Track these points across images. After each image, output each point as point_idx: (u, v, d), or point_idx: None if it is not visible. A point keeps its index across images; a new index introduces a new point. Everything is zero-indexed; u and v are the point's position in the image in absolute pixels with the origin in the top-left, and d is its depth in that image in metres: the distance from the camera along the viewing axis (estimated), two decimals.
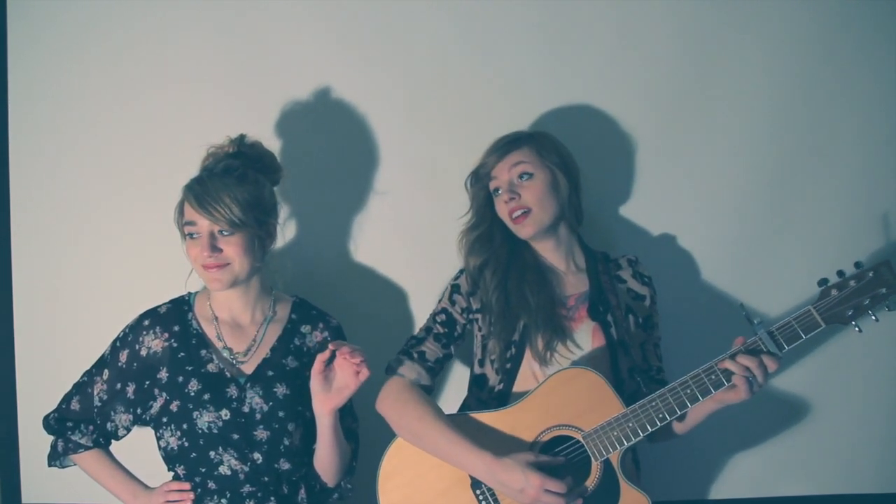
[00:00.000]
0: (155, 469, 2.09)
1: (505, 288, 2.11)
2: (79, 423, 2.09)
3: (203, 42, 2.43)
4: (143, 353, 2.05)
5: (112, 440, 2.12)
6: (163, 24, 2.42)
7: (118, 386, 2.07)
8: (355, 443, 2.17)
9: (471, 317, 2.17)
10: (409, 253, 2.46)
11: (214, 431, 1.97)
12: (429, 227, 2.42)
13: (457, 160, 2.30)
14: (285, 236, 2.38)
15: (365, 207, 2.45)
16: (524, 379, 2.08)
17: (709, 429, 2.11)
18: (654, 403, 1.94)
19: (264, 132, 2.37)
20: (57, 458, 2.12)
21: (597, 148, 2.41)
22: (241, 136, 2.13)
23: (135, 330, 2.08)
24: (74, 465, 2.14)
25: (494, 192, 2.17)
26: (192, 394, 1.99)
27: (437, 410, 2.03)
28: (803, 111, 2.43)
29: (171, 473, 2.07)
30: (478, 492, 1.99)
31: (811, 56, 2.42)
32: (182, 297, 2.15)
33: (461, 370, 2.40)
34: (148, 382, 2.05)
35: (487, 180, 2.17)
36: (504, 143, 2.16)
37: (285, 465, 2.02)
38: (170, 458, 2.03)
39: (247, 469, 1.98)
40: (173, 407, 2.00)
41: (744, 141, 2.43)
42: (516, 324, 2.09)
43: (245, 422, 1.98)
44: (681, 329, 2.35)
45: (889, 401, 2.47)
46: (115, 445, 2.14)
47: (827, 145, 2.44)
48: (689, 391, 1.93)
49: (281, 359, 2.08)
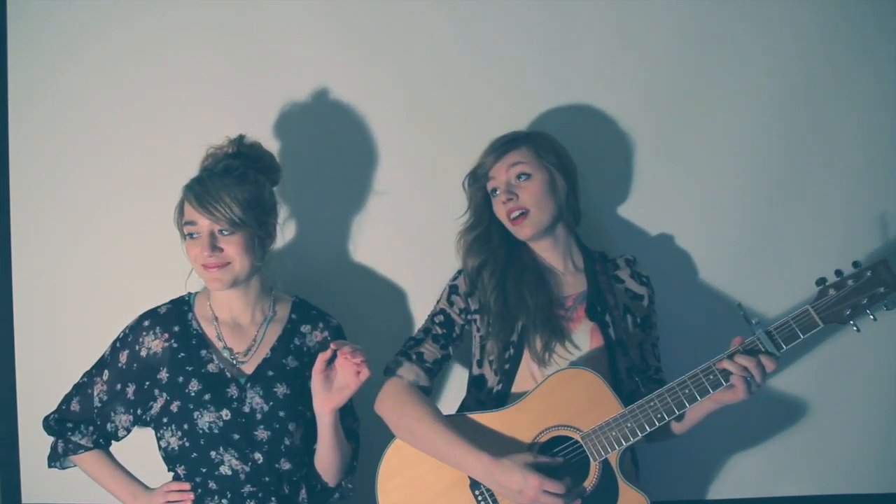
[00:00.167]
0: (155, 469, 2.09)
1: (503, 289, 2.11)
2: (79, 424, 2.09)
3: (203, 42, 2.43)
4: (143, 353, 2.05)
5: (112, 441, 2.12)
6: (163, 24, 2.42)
7: (118, 387, 2.07)
8: (356, 442, 2.17)
9: (469, 317, 2.17)
10: (409, 253, 2.45)
11: (215, 431, 1.97)
12: (428, 227, 2.42)
13: (456, 160, 2.30)
14: (285, 236, 2.37)
15: (364, 207, 2.45)
16: (523, 379, 2.08)
17: (708, 429, 2.11)
18: (653, 403, 1.94)
19: (264, 132, 2.38)
20: (57, 459, 2.12)
21: (595, 147, 2.41)
22: (241, 137, 2.13)
23: (134, 330, 2.08)
24: (75, 466, 2.14)
25: (492, 192, 2.17)
26: (193, 394, 1.99)
27: (435, 411, 2.03)
28: (802, 111, 2.43)
29: (171, 474, 2.07)
30: (476, 492, 1.99)
31: (809, 56, 2.42)
32: (182, 297, 2.15)
33: (460, 371, 2.40)
34: (148, 383, 2.05)
35: (485, 180, 2.17)
36: (502, 144, 2.15)
37: (286, 464, 2.02)
38: (170, 458, 2.03)
39: (247, 469, 1.98)
40: (174, 407, 2.00)
41: (742, 141, 2.43)
42: (514, 324, 2.09)
43: (245, 422, 1.99)
44: (679, 329, 2.35)
45: (888, 400, 2.47)
46: (116, 446, 2.14)
47: (825, 145, 2.44)
48: (687, 391, 1.93)
49: (281, 359, 2.08)
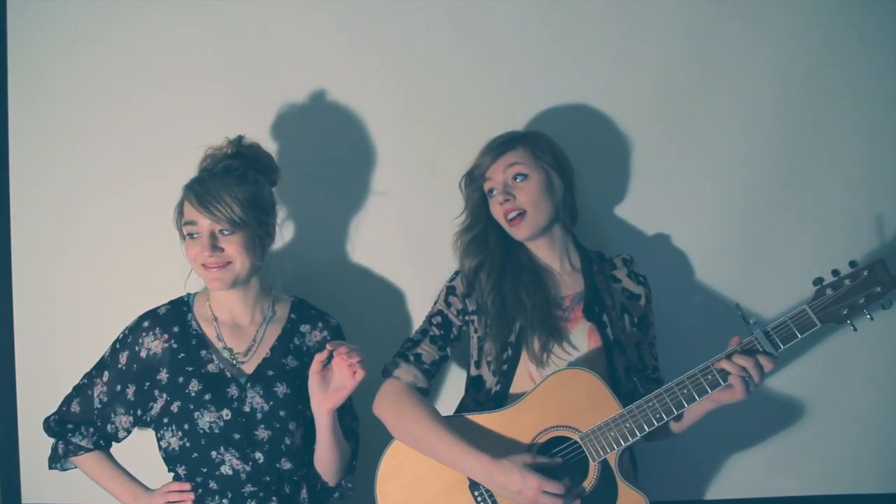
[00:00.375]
0: (155, 470, 2.09)
1: (500, 290, 2.11)
2: (79, 426, 2.09)
3: (202, 42, 2.43)
4: (143, 354, 2.06)
5: (112, 442, 2.13)
6: (162, 24, 2.42)
7: (118, 388, 2.07)
8: (355, 442, 2.18)
9: (466, 318, 2.16)
10: (407, 253, 2.46)
11: (216, 431, 1.97)
12: (427, 227, 2.42)
13: (455, 160, 2.30)
14: (284, 237, 2.38)
15: (363, 207, 2.45)
16: (521, 380, 2.08)
17: (707, 429, 2.12)
18: (651, 403, 1.94)
19: (264, 132, 2.39)
20: (57, 460, 2.12)
21: (593, 147, 2.42)
22: (240, 137, 2.13)
23: (134, 331, 2.09)
24: (75, 467, 2.14)
25: (489, 193, 2.16)
26: (193, 394, 1.99)
27: (433, 412, 2.03)
28: (799, 111, 2.43)
29: (172, 474, 2.08)
30: (476, 493, 1.99)
31: (806, 56, 2.42)
32: (181, 297, 2.16)
33: (458, 371, 2.40)
34: (148, 384, 2.05)
35: (482, 181, 2.17)
36: (498, 144, 2.15)
37: (287, 464, 2.02)
38: (171, 458, 2.03)
39: (248, 469, 1.98)
40: (174, 408, 2.00)
41: (740, 141, 2.43)
42: (512, 325, 2.09)
43: (246, 421, 1.99)
44: (677, 329, 2.35)
45: (887, 400, 2.48)
46: (116, 447, 2.14)
47: (823, 145, 2.44)
48: (685, 391, 1.93)
49: (281, 358, 2.08)
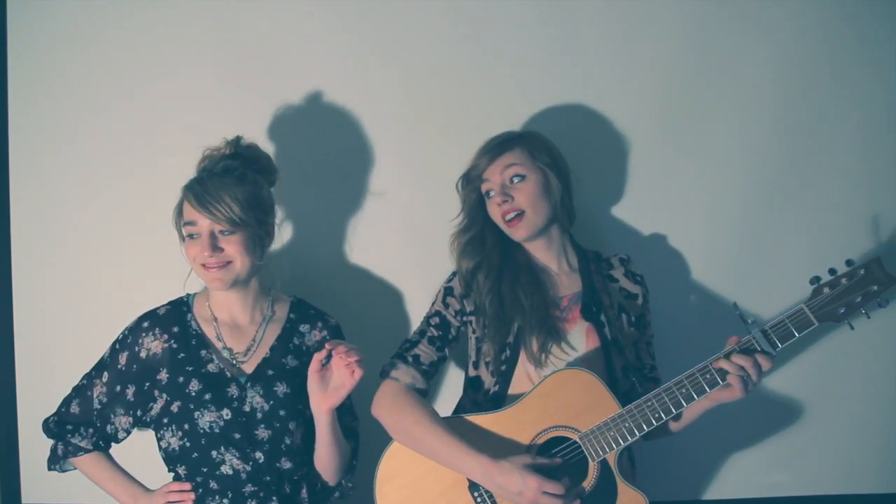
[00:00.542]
0: (155, 470, 2.10)
1: (498, 291, 2.10)
2: (78, 427, 2.09)
3: (202, 43, 2.43)
4: (143, 354, 2.06)
5: (112, 443, 2.13)
6: (163, 24, 2.42)
7: (118, 388, 2.07)
8: (355, 441, 2.18)
9: (464, 319, 2.16)
10: (407, 254, 2.46)
11: (216, 431, 1.98)
12: (425, 227, 2.41)
13: (453, 160, 2.28)
14: (282, 237, 2.38)
15: (362, 208, 2.45)
16: (519, 381, 2.08)
17: (706, 428, 2.13)
18: (650, 403, 1.95)
19: (264, 133, 2.40)
20: (56, 461, 2.12)
21: (591, 147, 2.42)
22: (238, 138, 2.13)
23: (134, 332, 2.09)
24: (74, 469, 2.14)
25: (486, 194, 2.16)
26: (193, 394, 1.99)
27: (432, 414, 2.03)
28: (797, 111, 2.43)
29: (172, 474, 2.08)
30: (476, 494, 1.99)
31: (804, 56, 2.42)
32: (181, 298, 2.16)
33: (456, 372, 2.40)
34: (148, 384, 2.05)
35: (479, 182, 2.16)
36: (495, 145, 2.15)
37: (287, 463, 2.02)
38: (171, 458, 2.04)
39: (248, 468, 1.99)
40: (174, 408, 2.00)
41: (737, 141, 2.43)
42: (510, 326, 2.09)
43: (246, 421, 1.99)
44: (674, 328, 2.35)
45: (886, 399, 2.48)
46: (115, 447, 2.14)
47: (820, 145, 2.44)
48: (684, 390, 1.94)
49: (281, 358, 2.08)
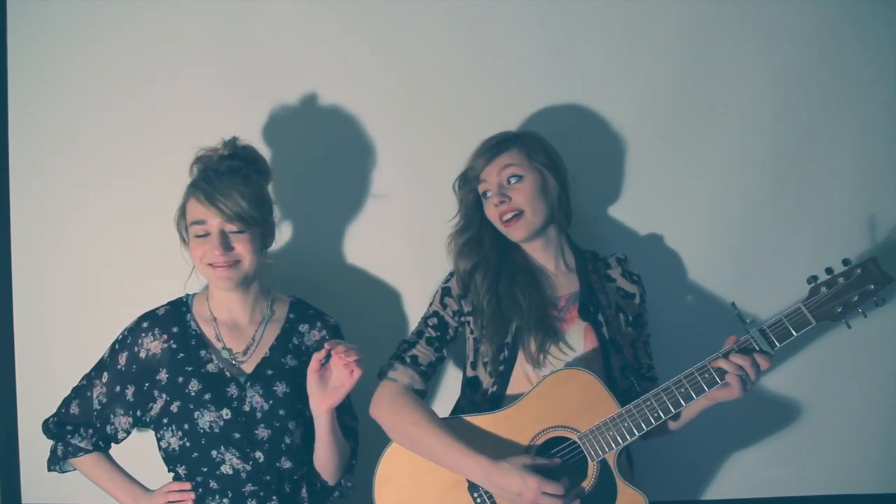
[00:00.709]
0: (154, 470, 2.10)
1: (496, 291, 2.10)
2: (78, 427, 2.10)
3: (201, 43, 2.43)
4: (143, 355, 2.06)
5: (111, 443, 2.13)
6: (162, 24, 2.43)
7: (117, 389, 2.07)
8: (354, 441, 2.18)
9: (462, 320, 2.16)
10: (405, 254, 2.46)
11: (216, 431, 1.98)
12: (425, 227, 2.41)
13: (452, 160, 2.28)
14: (281, 237, 2.38)
15: (360, 208, 2.46)
16: (517, 381, 2.08)
17: (704, 428, 2.14)
18: (649, 402, 1.95)
19: (263, 133, 2.41)
20: (56, 462, 2.13)
21: (589, 147, 2.42)
22: (234, 139, 2.13)
23: (133, 332, 2.09)
24: (74, 469, 2.15)
25: (483, 194, 2.16)
26: (193, 394, 2.00)
27: (431, 415, 2.03)
28: (795, 111, 2.43)
29: (171, 474, 2.08)
30: (475, 495, 1.99)
31: (803, 56, 2.42)
32: (180, 298, 2.16)
33: (454, 372, 2.41)
34: (147, 384, 2.06)
35: (476, 183, 2.16)
36: (492, 146, 2.14)
37: (287, 463, 2.03)
38: (171, 458, 2.04)
39: (248, 468, 1.99)
40: (174, 408, 2.01)
41: (736, 141, 2.44)
42: (508, 326, 2.09)
43: (246, 421, 2.00)
44: (672, 328, 2.36)
45: (884, 398, 2.49)
46: (115, 448, 2.14)
47: (818, 145, 2.44)
48: (683, 390, 1.95)
49: (280, 358, 2.09)
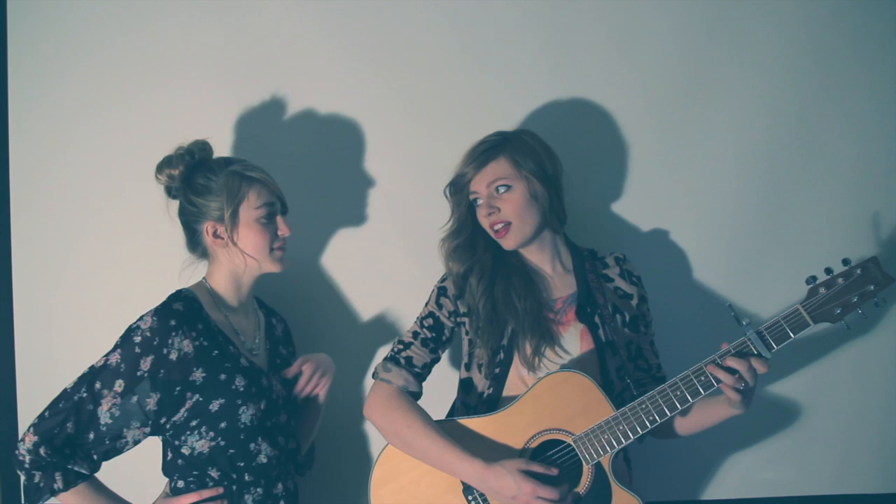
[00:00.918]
0: (149, 479, 2.10)
1: (492, 294, 2.10)
2: (76, 449, 1.90)
3: (201, 42, 2.44)
4: (173, 356, 1.91)
5: (106, 460, 1.96)
6: (162, 24, 2.43)
7: (134, 398, 1.89)
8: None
9: (458, 320, 2.15)
10: (402, 253, 2.46)
11: (254, 423, 1.99)
12: (420, 227, 2.41)
13: (450, 159, 2.24)
14: None
15: (357, 208, 2.46)
16: (513, 384, 2.08)
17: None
18: (644, 406, 1.94)
19: (261, 134, 2.41)
20: (40, 497, 1.88)
21: (589, 145, 2.42)
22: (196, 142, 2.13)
23: (160, 333, 1.91)
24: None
25: (474, 202, 2.15)
26: (242, 389, 1.99)
27: (425, 417, 2.04)
28: (796, 111, 2.42)
29: (182, 483, 2.00)
30: (469, 497, 2.00)
31: (803, 56, 2.41)
32: (180, 293, 2.04)
33: (451, 373, 2.40)
34: (179, 388, 1.93)
35: (467, 189, 2.14)
36: (480, 153, 2.11)
37: (293, 443, 2.13)
38: (193, 463, 1.98)
39: (277, 454, 2.05)
40: (214, 406, 1.96)
41: (736, 140, 2.43)
42: (504, 329, 2.08)
43: (275, 409, 2.06)
44: (671, 328, 2.35)
45: (885, 400, 2.48)
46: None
47: (818, 145, 2.43)
48: (678, 393, 1.94)
49: (277, 347, 2.19)
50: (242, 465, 2.00)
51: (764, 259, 2.45)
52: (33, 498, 1.89)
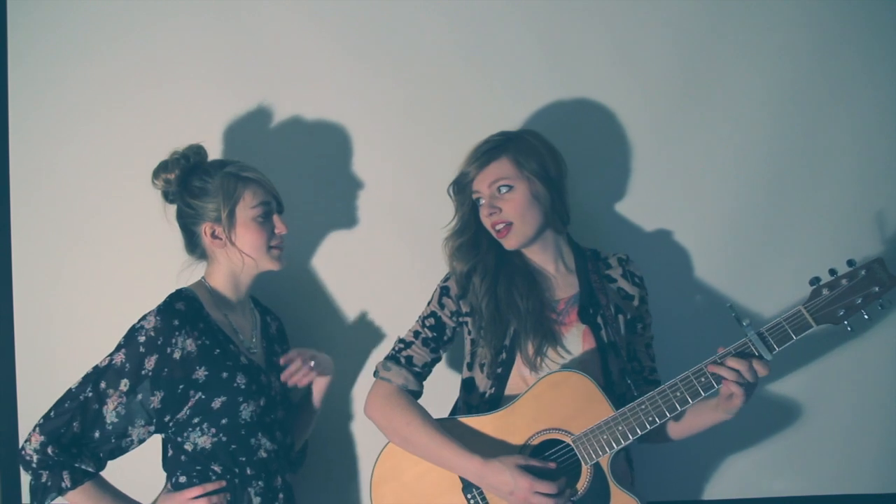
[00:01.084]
0: (149, 475, 2.09)
1: (494, 294, 2.09)
2: (86, 447, 1.92)
3: (202, 43, 2.44)
4: (177, 355, 1.94)
5: (111, 459, 1.96)
6: (162, 24, 2.43)
7: (139, 397, 1.92)
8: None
9: (460, 320, 2.15)
10: (403, 253, 2.45)
11: (254, 419, 2.02)
12: (422, 227, 2.40)
13: (451, 159, 2.24)
14: None
15: (357, 207, 2.45)
16: (515, 383, 2.07)
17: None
18: (644, 406, 1.94)
19: (260, 135, 2.41)
20: (47, 496, 1.90)
21: (592, 145, 2.41)
22: (200, 146, 2.16)
23: (164, 332, 1.94)
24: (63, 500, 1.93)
25: (477, 201, 2.14)
26: (243, 387, 2.01)
27: (424, 415, 2.04)
28: (797, 111, 2.41)
29: (184, 478, 2.01)
30: (468, 495, 2.00)
31: (805, 56, 2.41)
32: (182, 293, 2.05)
33: (452, 372, 2.40)
34: (182, 386, 1.95)
35: (469, 189, 2.14)
36: (482, 153, 2.11)
37: (289, 439, 2.17)
38: (196, 459, 2.00)
39: (276, 448, 2.08)
40: (216, 404, 1.98)
41: (738, 140, 2.42)
42: (507, 329, 2.08)
43: (273, 406, 2.10)
44: (672, 328, 2.34)
45: (885, 400, 2.46)
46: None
47: (820, 145, 2.42)
48: (678, 394, 1.93)
49: (272, 345, 2.21)
50: (244, 459, 2.03)
51: (767, 260, 2.44)
52: (40, 497, 1.90)
